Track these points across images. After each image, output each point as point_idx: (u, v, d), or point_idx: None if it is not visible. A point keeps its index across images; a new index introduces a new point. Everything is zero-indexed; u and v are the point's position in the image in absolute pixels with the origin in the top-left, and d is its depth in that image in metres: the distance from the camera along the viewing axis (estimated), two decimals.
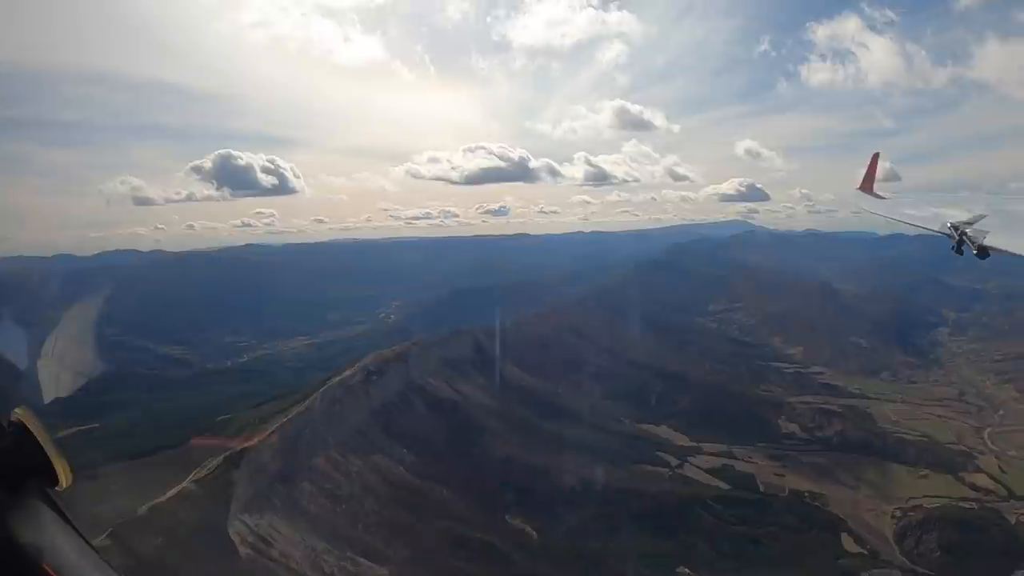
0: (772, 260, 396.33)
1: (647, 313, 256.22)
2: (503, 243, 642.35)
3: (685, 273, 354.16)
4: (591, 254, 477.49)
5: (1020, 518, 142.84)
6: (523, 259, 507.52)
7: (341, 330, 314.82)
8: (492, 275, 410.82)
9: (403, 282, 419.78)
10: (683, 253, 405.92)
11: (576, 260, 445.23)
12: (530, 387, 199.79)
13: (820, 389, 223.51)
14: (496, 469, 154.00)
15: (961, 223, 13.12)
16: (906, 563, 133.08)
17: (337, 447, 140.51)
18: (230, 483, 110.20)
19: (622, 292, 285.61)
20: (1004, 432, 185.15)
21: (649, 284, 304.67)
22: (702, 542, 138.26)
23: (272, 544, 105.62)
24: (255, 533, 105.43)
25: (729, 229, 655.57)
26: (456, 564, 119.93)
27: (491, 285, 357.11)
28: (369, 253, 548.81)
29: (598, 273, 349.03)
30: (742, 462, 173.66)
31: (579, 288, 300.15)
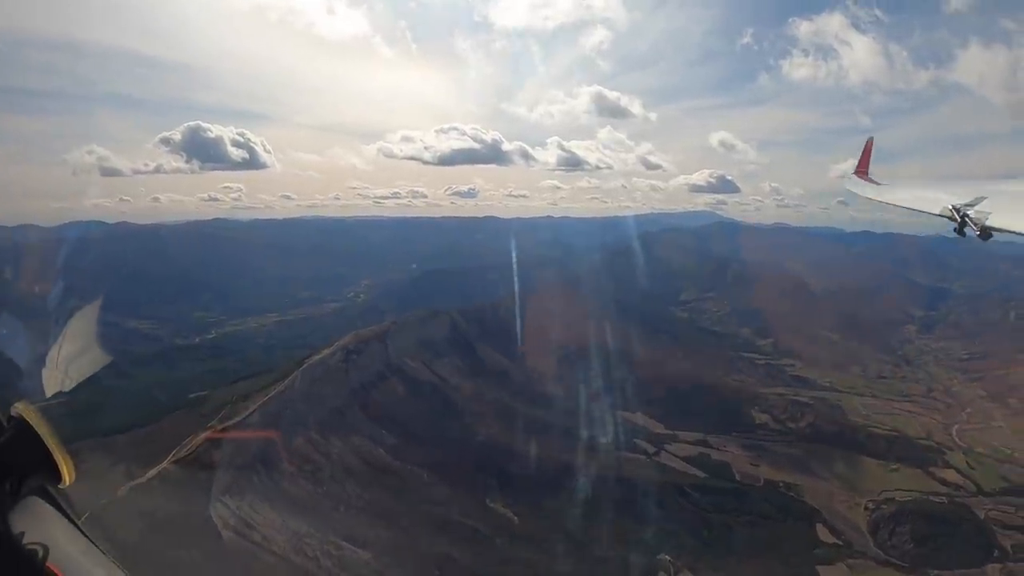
0: (741, 252, 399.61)
1: (620, 301, 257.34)
2: (472, 225, 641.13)
3: (656, 262, 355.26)
4: (560, 239, 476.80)
5: (989, 513, 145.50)
6: (492, 242, 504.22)
7: (311, 308, 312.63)
8: (462, 257, 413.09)
9: (372, 262, 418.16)
10: (653, 242, 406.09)
11: (546, 245, 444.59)
12: (507, 370, 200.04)
13: (791, 381, 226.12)
14: (476, 452, 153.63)
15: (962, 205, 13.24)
16: (880, 554, 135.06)
17: (317, 428, 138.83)
18: (211, 464, 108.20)
19: (594, 279, 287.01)
20: (971, 429, 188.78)
21: (620, 271, 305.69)
22: (682, 529, 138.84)
23: (254, 527, 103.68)
24: (237, 516, 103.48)
25: (698, 219, 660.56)
26: (439, 549, 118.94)
27: (462, 267, 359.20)
28: (338, 232, 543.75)
29: (568, 259, 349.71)
30: (717, 451, 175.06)
31: (551, 273, 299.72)
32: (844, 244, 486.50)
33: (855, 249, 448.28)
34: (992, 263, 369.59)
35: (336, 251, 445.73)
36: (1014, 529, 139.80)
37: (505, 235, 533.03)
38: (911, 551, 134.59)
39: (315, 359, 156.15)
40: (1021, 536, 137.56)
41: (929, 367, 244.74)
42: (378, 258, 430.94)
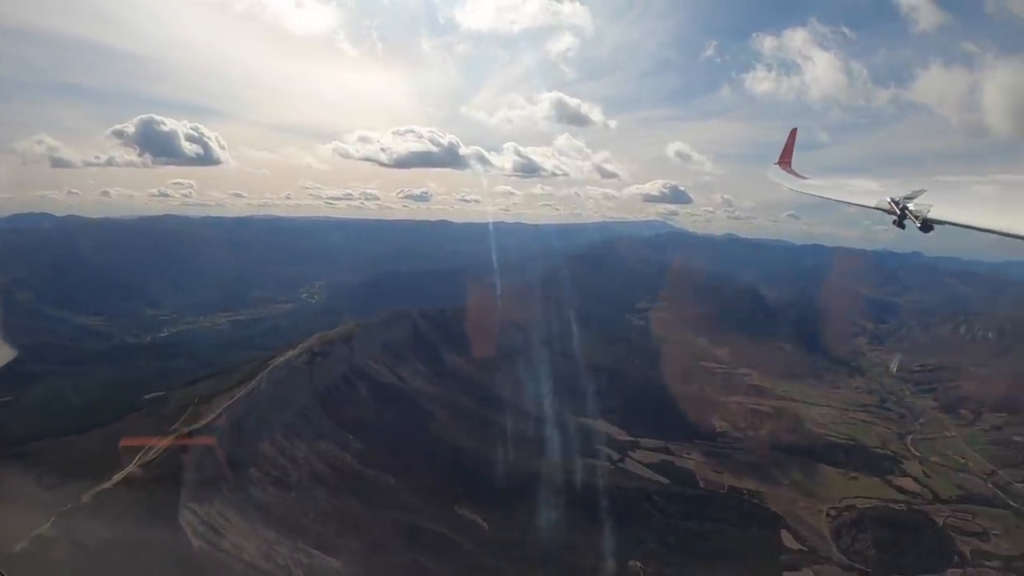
0: (694, 262, 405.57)
1: (576, 308, 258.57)
2: (425, 229, 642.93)
3: (609, 270, 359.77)
4: (514, 245, 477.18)
5: (947, 520, 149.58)
6: (446, 246, 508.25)
7: (264, 308, 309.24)
8: (415, 260, 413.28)
9: (325, 262, 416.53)
10: (608, 250, 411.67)
11: (499, 251, 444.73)
12: (469, 375, 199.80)
13: (749, 390, 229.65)
14: (442, 458, 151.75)
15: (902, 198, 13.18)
16: (844, 560, 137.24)
17: (283, 431, 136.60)
18: (178, 468, 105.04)
19: (551, 285, 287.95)
20: (925, 439, 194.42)
21: (576, 279, 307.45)
22: (650, 536, 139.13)
23: (223, 534, 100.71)
24: (205, 523, 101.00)
25: (650, 229, 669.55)
26: (410, 556, 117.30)
27: (416, 270, 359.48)
28: (290, 231, 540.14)
29: (523, 265, 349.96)
30: (680, 458, 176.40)
31: (506, 279, 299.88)
32: (794, 256, 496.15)
33: (805, 262, 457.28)
34: (939, 278, 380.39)
35: (288, 251, 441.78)
36: (972, 535, 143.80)
37: (458, 240, 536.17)
38: (874, 557, 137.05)
39: (280, 361, 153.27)
40: (979, 542, 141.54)
41: (882, 378, 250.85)
42: (331, 259, 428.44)
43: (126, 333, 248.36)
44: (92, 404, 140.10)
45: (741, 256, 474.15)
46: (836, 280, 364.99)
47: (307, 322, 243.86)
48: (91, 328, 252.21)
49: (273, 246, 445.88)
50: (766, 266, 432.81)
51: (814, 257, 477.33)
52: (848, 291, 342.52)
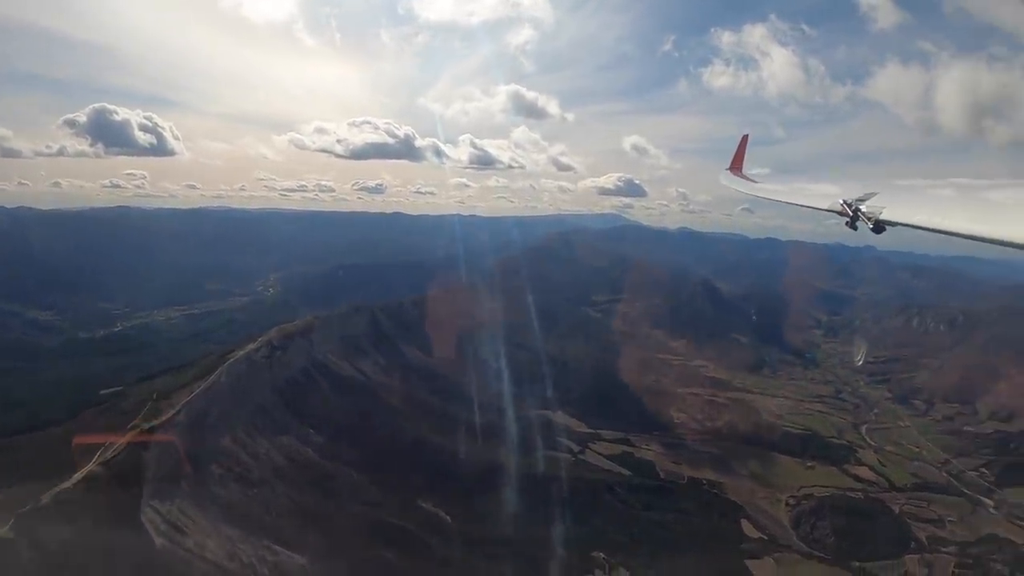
0: (650, 255, 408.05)
1: (534, 300, 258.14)
2: (380, 221, 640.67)
3: (565, 262, 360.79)
4: (469, 238, 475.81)
5: (903, 508, 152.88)
6: (402, 239, 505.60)
7: (219, 301, 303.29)
8: (371, 253, 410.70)
9: (280, 255, 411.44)
10: (563, 243, 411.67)
11: (455, 243, 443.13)
12: (429, 368, 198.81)
13: (706, 382, 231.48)
14: (403, 451, 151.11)
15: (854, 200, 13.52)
16: (804, 547, 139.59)
17: (244, 427, 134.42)
18: (139, 466, 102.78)
19: (507, 279, 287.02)
20: (880, 429, 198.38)
21: (532, 272, 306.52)
22: (613, 527, 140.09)
23: (186, 533, 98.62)
24: (168, 521, 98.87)
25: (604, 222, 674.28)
26: (375, 551, 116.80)
27: (372, 263, 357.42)
28: (244, 223, 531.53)
29: (479, 258, 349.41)
30: (640, 449, 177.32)
31: (463, 271, 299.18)
32: (749, 250, 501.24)
33: (760, 255, 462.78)
34: (891, 272, 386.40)
35: (243, 243, 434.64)
36: (927, 522, 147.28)
37: (413, 232, 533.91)
38: (833, 544, 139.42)
39: (239, 355, 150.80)
40: (935, 528, 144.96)
41: (836, 369, 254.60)
42: (285, 251, 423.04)
43: (79, 328, 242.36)
44: (46, 401, 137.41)
45: (696, 249, 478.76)
46: (790, 273, 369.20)
47: (263, 315, 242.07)
48: (42, 323, 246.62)
49: (227, 238, 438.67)
50: (721, 259, 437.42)
51: (768, 251, 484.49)
52: (802, 284, 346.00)
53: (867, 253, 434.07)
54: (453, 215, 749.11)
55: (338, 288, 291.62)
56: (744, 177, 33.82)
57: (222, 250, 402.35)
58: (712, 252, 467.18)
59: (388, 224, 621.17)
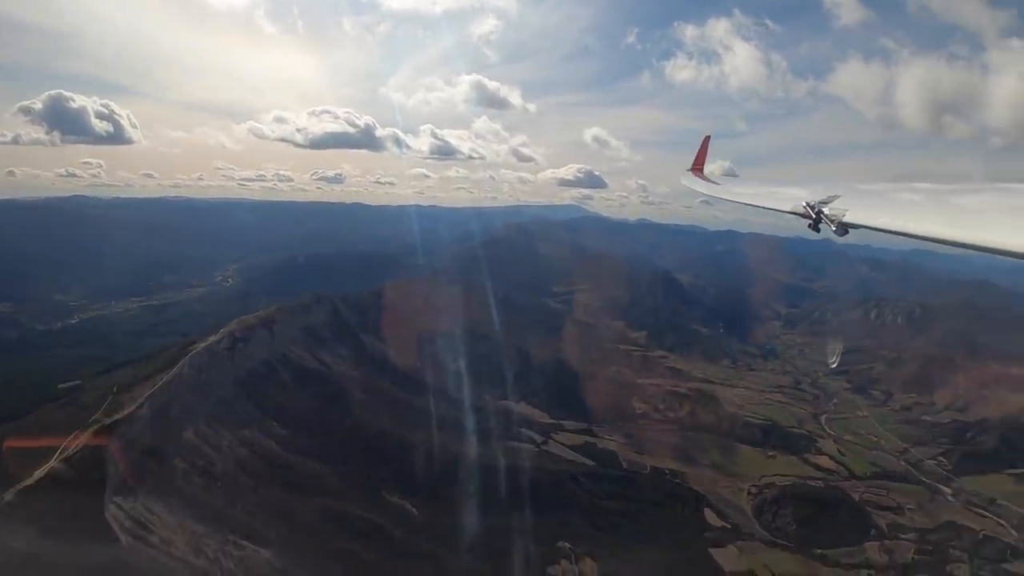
0: (609, 246, 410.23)
1: (495, 291, 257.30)
2: (340, 211, 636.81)
3: (526, 254, 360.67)
4: (429, 228, 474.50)
5: (863, 496, 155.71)
6: (362, 229, 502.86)
7: (178, 292, 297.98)
8: (330, 243, 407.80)
9: (239, 245, 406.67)
10: (523, 233, 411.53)
11: (415, 233, 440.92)
12: (391, 360, 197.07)
13: (667, 372, 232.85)
14: (367, 443, 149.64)
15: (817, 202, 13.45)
16: (767, 535, 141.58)
17: (206, 420, 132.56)
18: (102, 461, 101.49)
19: (468, 269, 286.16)
20: (839, 419, 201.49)
21: (493, 262, 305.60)
22: (577, 517, 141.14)
23: (151, 530, 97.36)
24: (132, 518, 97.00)
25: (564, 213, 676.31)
26: (341, 544, 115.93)
27: (331, 253, 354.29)
28: (202, 213, 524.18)
29: (439, 248, 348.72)
30: (602, 440, 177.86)
31: (424, 262, 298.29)
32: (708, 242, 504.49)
33: (719, 247, 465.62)
34: (850, 265, 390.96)
35: (201, 233, 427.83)
36: (887, 510, 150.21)
37: (373, 222, 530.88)
38: (795, 532, 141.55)
39: (200, 347, 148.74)
40: (895, 516, 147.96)
41: (795, 360, 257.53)
42: (244, 242, 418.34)
43: (35, 320, 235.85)
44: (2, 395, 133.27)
45: (656, 241, 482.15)
46: (750, 266, 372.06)
47: (223, 306, 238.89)
48: None
49: (185, 228, 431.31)
50: (680, 251, 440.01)
51: (728, 243, 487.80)
52: (762, 276, 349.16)
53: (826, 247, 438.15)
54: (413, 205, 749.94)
55: (298, 279, 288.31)
56: (705, 179, 33.71)
57: (180, 240, 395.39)
58: (672, 244, 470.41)
59: (348, 214, 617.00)
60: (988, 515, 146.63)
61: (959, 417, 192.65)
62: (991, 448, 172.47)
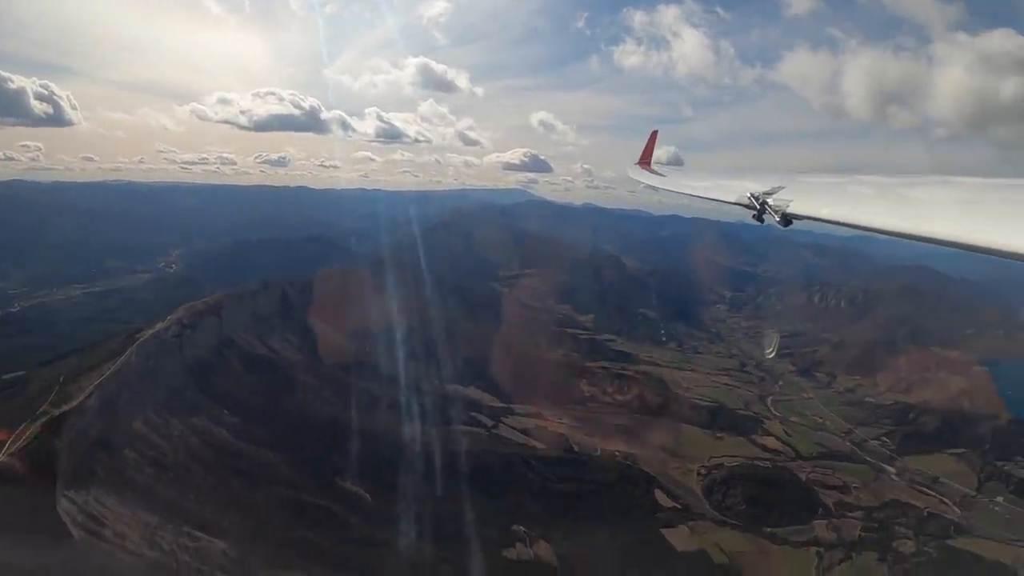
0: (555, 230, 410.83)
1: (441, 275, 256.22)
2: (284, 195, 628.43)
3: (471, 238, 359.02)
4: (374, 212, 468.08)
5: (810, 475, 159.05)
6: (306, 213, 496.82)
7: (121, 278, 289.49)
8: (274, 228, 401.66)
9: (182, 230, 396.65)
10: (468, 218, 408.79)
11: (360, 217, 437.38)
12: (340, 345, 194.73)
13: (614, 355, 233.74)
14: (319, 430, 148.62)
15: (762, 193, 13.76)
16: (717, 516, 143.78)
17: (156, 409, 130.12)
18: (52, 454, 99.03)
19: (414, 253, 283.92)
20: (785, 400, 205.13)
21: (439, 246, 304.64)
22: (530, 500, 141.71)
23: (104, 523, 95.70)
24: (85, 511, 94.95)
25: (509, 197, 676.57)
26: (296, 532, 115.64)
27: (276, 238, 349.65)
28: (144, 197, 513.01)
29: (385, 232, 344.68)
30: (552, 423, 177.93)
31: (369, 246, 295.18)
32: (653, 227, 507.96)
33: (664, 232, 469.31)
34: (793, 250, 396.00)
35: (143, 218, 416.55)
36: (834, 489, 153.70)
37: (318, 207, 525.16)
38: (744, 511, 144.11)
39: (148, 334, 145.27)
40: (840, 495, 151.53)
41: (740, 344, 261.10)
42: (187, 226, 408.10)
43: None
44: None
45: (601, 225, 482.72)
46: (694, 250, 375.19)
47: (168, 293, 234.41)
48: None
49: (126, 213, 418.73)
50: (626, 235, 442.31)
51: (672, 227, 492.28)
52: (706, 261, 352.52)
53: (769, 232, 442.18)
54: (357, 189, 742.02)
55: (243, 264, 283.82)
56: (653, 171, 34.28)
57: (122, 225, 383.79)
58: (617, 228, 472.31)
59: (292, 198, 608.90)
60: (931, 494, 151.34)
61: (902, 399, 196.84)
62: (933, 429, 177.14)
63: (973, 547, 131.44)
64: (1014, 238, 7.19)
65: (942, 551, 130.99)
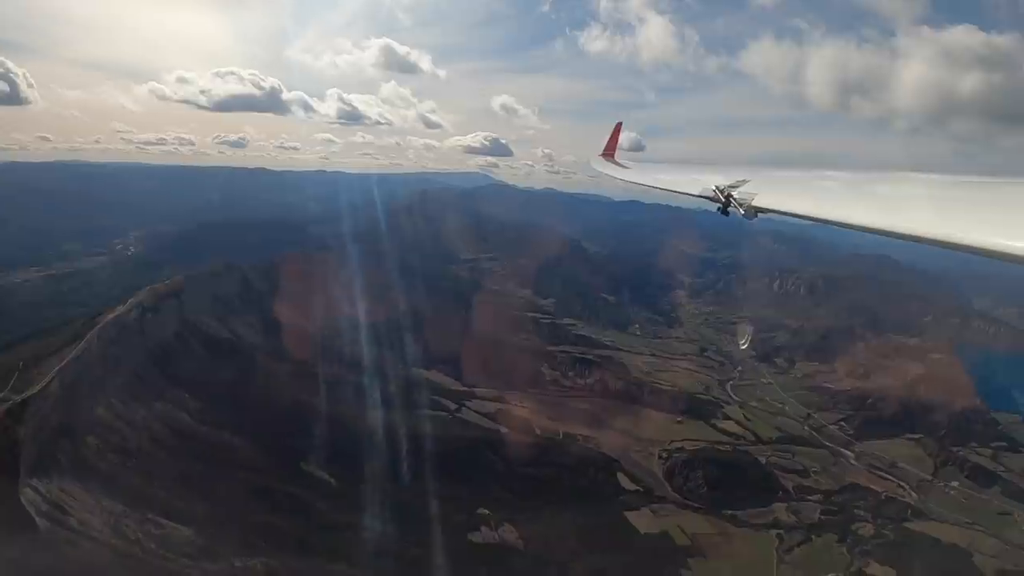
0: (516, 215, 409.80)
1: (403, 259, 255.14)
2: (243, 176, 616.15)
3: (433, 221, 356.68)
4: (334, 195, 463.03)
5: (769, 459, 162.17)
6: (265, 195, 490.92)
7: (78, 261, 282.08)
8: (235, 210, 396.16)
9: (140, 212, 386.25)
10: (429, 201, 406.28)
11: (320, 200, 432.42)
12: (302, 328, 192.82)
13: (576, 340, 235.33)
14: (282, 414, 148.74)
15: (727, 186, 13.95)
16: (678, 498, 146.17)
17: (118, 394, 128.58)
18: (15, 442, 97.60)
19: (375, 237, 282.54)
20: (744, 385, 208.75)
21: (401, 230, 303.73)
22: (494, 483, 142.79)
23: (68, 512, 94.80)
24: (48, 500, 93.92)
25: (470, 181, 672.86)
26: (261, 518, 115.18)
27: (235, 220, 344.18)
28: (99, 178, 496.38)
29: (345, 215, 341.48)
30: (515, 406, 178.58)
31: (330, 229, 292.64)
32: (614, 212, 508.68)
33: (624, 217, 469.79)
34: (752, 236, 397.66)
35: (100, 199, 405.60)
36: (793, 472, 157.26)
37: (277, 189, 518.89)
38: (706, 494, 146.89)
39: (109, 318, 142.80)
40: (800, 478, 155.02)
41: (700, 329, 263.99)
42: (144, 208, 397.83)
43: None
44: None
45: (562, 210, 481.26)
46: (655, 235, 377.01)
47: (127, 276, 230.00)
48: None
49: (82, 194, 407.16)
50: (587, 220, 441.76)
51: (632, 213, 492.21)
52: (666, 246, 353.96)
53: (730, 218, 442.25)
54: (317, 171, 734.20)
55: (202, 247, 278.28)
56: (616, 163, 34.98)
57: (79, 207, 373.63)
58: (578, 213, 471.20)
59: (251, 180, 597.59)
60: (889, 477, 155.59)
61: (860, 385, 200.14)
62: (890, 414, 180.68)
63: (930, 530, 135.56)
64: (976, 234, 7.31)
65: (900, 533, 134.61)
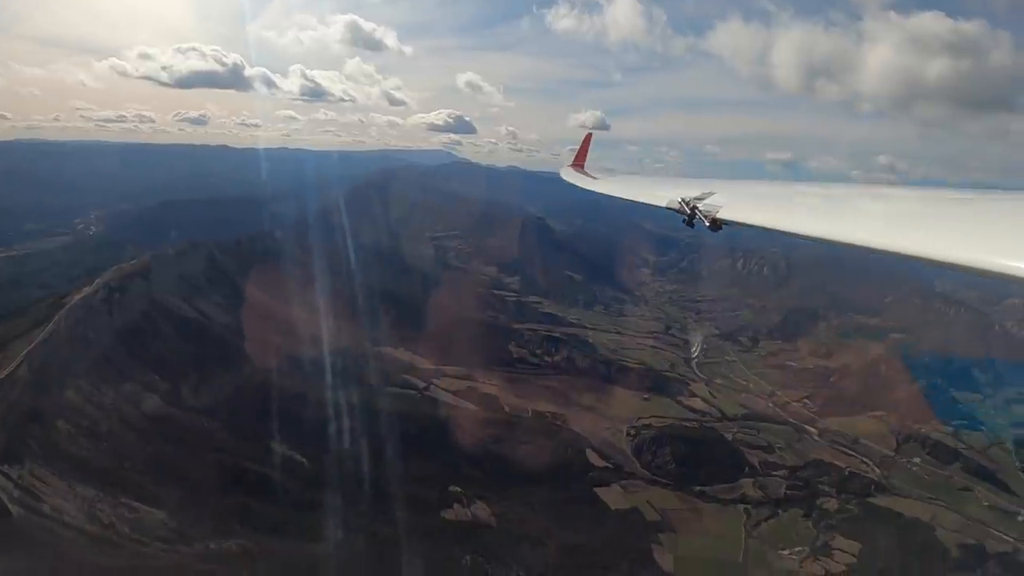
0: (480, 192, 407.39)
1: (368, 237, 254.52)
2: (204, 154, 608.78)
3: (397, 200, 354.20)
4: (297, 172, 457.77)
5: (735, 436, 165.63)
6: (228, 173, 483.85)
7: (39, 242, 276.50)
8: (197, 188, 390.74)
9: (100, 191, 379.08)
10: (393, 179, 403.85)
11: (283, 177, 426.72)
12: (270, 308, 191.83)
13: (542, 318, 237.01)
14: (251, 394, 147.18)
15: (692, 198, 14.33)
16: (647, 474, 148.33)
17: (87, 377, 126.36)
18: None
19: (339, 214, 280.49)
20: (708, 363, 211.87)
21: (364, 208, 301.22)
22: (465, 461, 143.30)
23: (41, 498, 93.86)
24: (20, 487, 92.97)
25: (433, 158, 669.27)
26: (235, 500, 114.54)
27: (197, 199, 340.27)
28: (59, 156, 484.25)
29: (308, 193, 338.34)
30: (483, 384, 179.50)
31: (293, 207, 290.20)
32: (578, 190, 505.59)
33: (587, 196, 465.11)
34: None
35: (59, 178, 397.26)
36: (759, 448, 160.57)
37: (239, 167, 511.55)
38: (674, 471, 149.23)
39: (76, 299, 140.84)
40: (765, 454, 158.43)
41: (665, 307, 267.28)
42: (104, 187, 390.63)
43: None
44: None
45: (526, 188, 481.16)
46: (617, 214, 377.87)
47: (90, 256, 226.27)
48: None
49: (41, 173, 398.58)
50: (551, 199, 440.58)
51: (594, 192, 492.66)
52: (630, 225, 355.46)
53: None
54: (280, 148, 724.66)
55: (164, 225, 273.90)
56: (586, 174, 35.51)
57: (38, 186, 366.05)
58: (542, 191, 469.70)
59: (213, 158, 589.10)
60: (852, 454, 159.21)
61: (822, 363, 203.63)
62: (853, 392, 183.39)
63: (893, 505, 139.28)
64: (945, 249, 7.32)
65: (863, 508, 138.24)
